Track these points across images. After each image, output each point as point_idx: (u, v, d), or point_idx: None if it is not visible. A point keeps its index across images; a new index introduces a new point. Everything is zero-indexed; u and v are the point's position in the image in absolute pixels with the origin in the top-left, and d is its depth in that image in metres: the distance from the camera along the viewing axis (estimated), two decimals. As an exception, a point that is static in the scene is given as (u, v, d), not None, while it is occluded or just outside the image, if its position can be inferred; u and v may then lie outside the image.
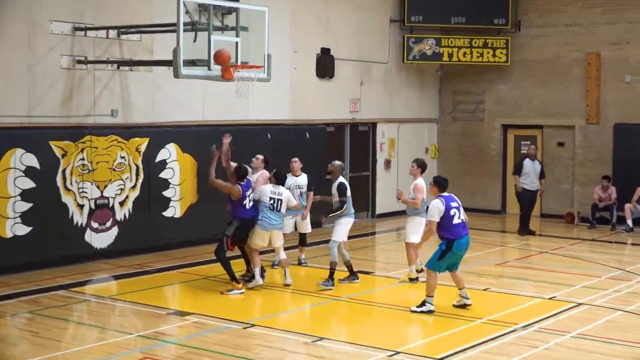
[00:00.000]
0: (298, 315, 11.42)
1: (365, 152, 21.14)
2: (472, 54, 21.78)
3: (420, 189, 13.52)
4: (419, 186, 13.56)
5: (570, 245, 17.54)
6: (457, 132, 23.07)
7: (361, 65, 20.56)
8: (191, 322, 10.86)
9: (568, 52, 21.23)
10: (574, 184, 21.27)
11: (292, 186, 14.38)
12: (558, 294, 12.68)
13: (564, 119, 21.40)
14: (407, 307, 11.70)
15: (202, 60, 12.96)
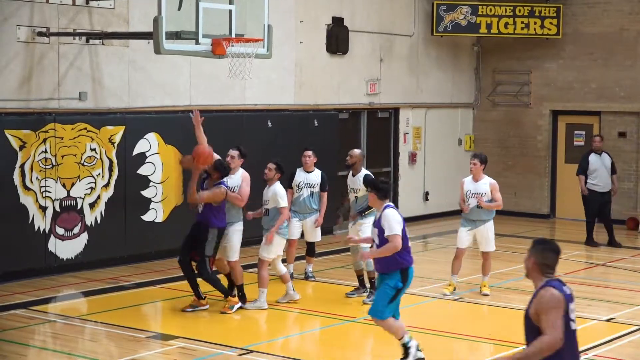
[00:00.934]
0: (305, 338, 11.54)
1: (385, 144, 21.26)
2: (516, 25, 21.88)
3: (497, 188, 14.10)
4: (496, 185, 14.09)
5: (633, 257, 17.64)
6: (497, 119, 23.18)
7: (381, 39, 20.67)
8: (176, 348, 10.98)
9: (633, 22, 21.31)
10: (638, 183, 21.36)
11: (302, 184, 14.50)
12: (617, 315, 12.78)
13: (627, 103, 21.49)
14: (436, 331, 11.81)
15: (188, 32, 12.99)
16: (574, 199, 22.28)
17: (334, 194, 18.48)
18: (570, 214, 22.40)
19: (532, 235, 19.95)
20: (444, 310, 13.40)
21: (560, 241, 19.41)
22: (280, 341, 11.14)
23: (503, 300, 13.72)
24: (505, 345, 11.30)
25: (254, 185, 13.30)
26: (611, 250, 18.34)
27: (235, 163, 13.28)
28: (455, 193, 22.47)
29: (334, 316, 12.62)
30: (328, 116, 19.44)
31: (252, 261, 14.15)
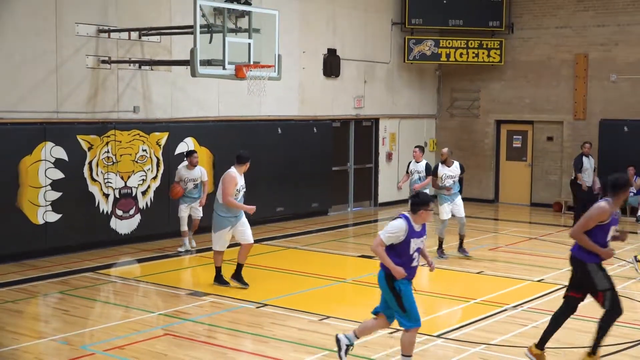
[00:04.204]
0: (306, 295, 11.55)
1: (368, 146, 21.23)
2: (468, 55, 21.83)
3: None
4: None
5: (557, 232, 17.65)
6: (454, 127, 23.15)
7: (365, 65, 20.64)
8: (208, 302, 11.00)
9: (558, 53, 21.29)
10: (562, 175, 21.36)
11: (412, 171, 15.54)
12: (546, 277, 12.80)
13: (553, 115, 21.48)
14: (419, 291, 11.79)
15: (217, 60, 13.06)
16: (512, 188, 22.36)
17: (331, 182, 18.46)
18: (510, 199, 22.43)
19: (482, 216, 19.99)
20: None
21: (503, 220, 19.59)
22: (289, 297, 11.14)
23: (458, 266, 13.73)
24: (457, 299, 11.31)
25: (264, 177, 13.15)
26: (542, 226, 18.34)
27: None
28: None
29: (329, 278, 12.63)
30: (324, 125, 19.41)
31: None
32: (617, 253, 14.87)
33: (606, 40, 20.55)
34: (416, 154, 15.74)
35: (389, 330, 9.54)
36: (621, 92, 20.36)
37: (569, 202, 20.67)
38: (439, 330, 9.65)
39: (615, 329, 9.82)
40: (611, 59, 20.48)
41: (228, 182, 11.25)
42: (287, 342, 9.14)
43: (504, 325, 9.93)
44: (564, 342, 9.28)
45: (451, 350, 8.87)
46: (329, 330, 9.59)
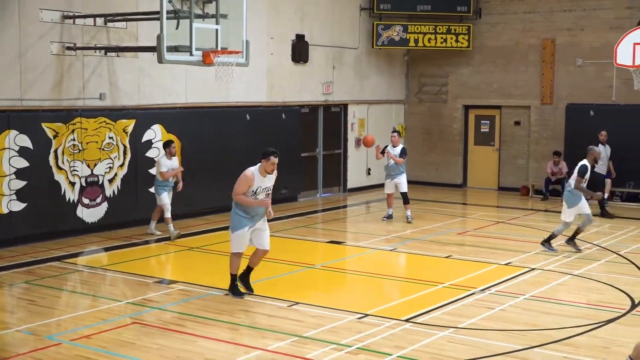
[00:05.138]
0: (275, 282, 11.53)
1: (337, 132, 21.21)
2: (437, 40, 21.85)
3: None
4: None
5: (525, 216, 17.79)
6: (423, 112, 23.20)
7: (333, 51, 20.59)
8: (177, 290, 10.95)
9: (525, 38, 21.39)
10: (529, 160, 21.51)
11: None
12: (513, 260, 12.89)
13: (521, 99, 21.60)
14: (376, 274, 11.86)
15: (184, 46, 12.93)
16: (480, 172, 22.49)
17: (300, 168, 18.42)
18: (478, 183, 22.55)
19: (450, 201, 20.10)
20: (383, 258, 13.43)
21: (471, 205, 19.72)
22: (258, 283, 11.11)
23: (427, 250, 13.79)
24: (426, 284, 11.37)
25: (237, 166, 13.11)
26: (509, 210, 18.47)
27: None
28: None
29: (298, 264, 12.62)
30: (293, 111, 19.36)
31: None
32: (583, 235, 15.05)
33: (572, 25, 20.68)
34: (395, 139, 16.53)
35: (358, 316, 9.57)
36: (587, 77, 20.51)
37: (537, 186, 20.84)
38: (407, 314, 9.68)
39: (580, 311, 9.96)
40: (577, 43, 20.62)
41: (241, 180, 10.15)
42: (257, 329, 9.13)
43: (472, 309, 9.99)
44: (531, 324, 9.36)
45: (420, 335, 8.91)
46: (298, 317, 9.59)
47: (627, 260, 12.94)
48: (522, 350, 8.40)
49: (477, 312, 9.85)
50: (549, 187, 20.27)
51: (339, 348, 8.42)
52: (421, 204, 19.27)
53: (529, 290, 10.90)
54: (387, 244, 14.25)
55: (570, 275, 11.87)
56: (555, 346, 8.57)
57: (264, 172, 10.17)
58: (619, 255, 13.31)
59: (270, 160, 10.14)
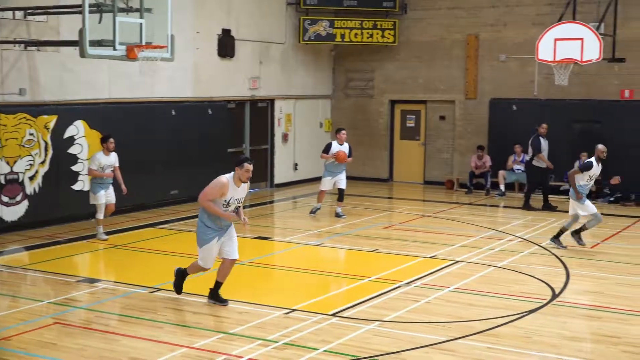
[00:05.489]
0: (201, 279, 11.42)
1: (264, 127, 21.16)
2: (363, 35, 21.98)
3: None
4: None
5: (450, 209, 18.04)
6: (349, 107, 23.32)
7: (260, 46, 20.51)
8: (100, 289, 10.76)
9: (450, 33, 21.68)
10: (453, 154, 21.84)
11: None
12: (438, 253, 13.07)
13: (445, 94, 21.90)
14: (303, 269, 11.87)
15: (107, 41, 12.68)
16: (406, 166, 22.73)
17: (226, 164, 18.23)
18: (404, 178, 22.79)
19: (376, 195, 20.26)
20: (310, 253, 13.46)
21: (397, 199, 19.92)
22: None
23: (353, 245, 13.87)
24: (352, 278, 11.44)
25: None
26: (434, 204, 18.72)
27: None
28: (318, 164, 22.74)
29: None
30: (220, 106, 19.22)
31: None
32: (506, 228, 15.36)
33: (495, 21, 21.06)
34: (343, 137, 16.65)
35: (285, 311, 9.57)
36: (510, 72, 20.91)
37: (461, 179, 21.17)
38: (333, 309, 9.72)
39: (502, 302, 10.15)
40: (500, 39, 21.00)
41: (214, 185, 9.43)
42: (182, 327, 9.04)
43: (398, 302, 10.10)
44: (456, 315, 9.50)
45: (346, 329, 8.95)
46: (224, 313, 9.54)
47: (548, 252, 13.25)
48: (446, 342, 8.53)
49: (403, 305, 9.96)
50: (473, 180, 20.63)
51: (266, 344, 8.41)
52: (348, 198, 19.33)
53: (453, 283, 11.06)
54: (314, 239, 14.28)
55: (494, 267, 12.10)
56: (479, 337, 8.72)
57: (238, 181, 9.46)
58: (540, 247, 13.62)
59: (244, 167, 9.40)
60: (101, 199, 13.85)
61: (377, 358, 8.05)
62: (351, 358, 8.03)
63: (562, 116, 19.91)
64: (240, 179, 9.46)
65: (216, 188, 9.38)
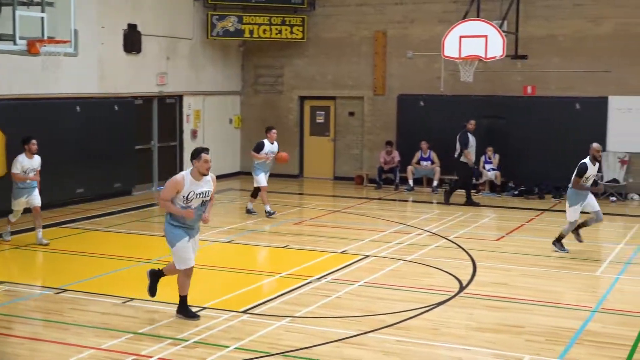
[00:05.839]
0: (109, 278, 11.23)
1: (172, 123, 20.91)
2: (272, 31, 21.95)
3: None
4: None
5: (359, 204, 18.21)
6: (259, 103, 23.26)
7: (167, 41, 20.25)
8: (2, 291, 10.43)
9: (358, 30, 21.87)
10: (363, 150, 22.05)
11: (269, 152, 16.12)
12: (348, 248, 13.18)
13: (354, 90, 22.08)
14: (213, 266, 11.79)
15: (7, 35, 12.35)
16: (316, 162, 22.83)
17: (134, 161, 17.96)
18: (314, 173, 22.88)
19: (287, 191, 20.27)
20: (220, 250, 13.37)
21: (307, 194, 20.00)
22: (89, 281, 10.77)
23: (264, 241, 13.85)
24: (263, 274, 11.43)
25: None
26: (344, 199, 18.87)
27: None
28: (228, 160, 22.64)
29: (132, 259, 12.35)
30: (126, 102, 18.89)
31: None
32: (415, 222, 15.61)
33: (403, 18, 21.35)
34: (274, 136, 16.37)
35: (195, 309, 9.48)
36: (417, 68, 21.24)
37: (370, 175, 21.40)
38: (244, 306, 9.68)
39: (411, 295, 10.32)
40: (408, 36, 21.30)
41: (169, 184, 8.93)
42: (89, 328, 8.85)
43: (309, 297, 10.14)
44: (366, 310, 9.60)
45: (257, 325, 8.94)
46: (132, 313, 9.39)
47: (456, 245, 13.53)
48: (357, 336, 8.61)
49: (314, 300, 10.00)
50: (382, 176, 20.88)
51: (176, 343, 8.32)
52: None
53: (363, 277, 11.17)
54: (225, 236, 14.20)
55: (403, 261, 12.27)
56: (389, 330, 8.83)
57: (198, 174, 8.90)
58: (448, 240, 13.89)
59: (202, 158, 8.88)
60: (20, 205, 13.22)
61: (289, 354, 8.06)
62: (262, 354, 8.02)
63: (468, 112, 20.30)
64: (200, 172, 8.92)
65: (171, 186, 8.89)
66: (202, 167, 8.93)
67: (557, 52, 19.80)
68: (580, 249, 13.34)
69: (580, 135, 19.49)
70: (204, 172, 8.97)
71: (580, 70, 19.60)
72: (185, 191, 8.86)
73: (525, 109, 19.95)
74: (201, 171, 8.94)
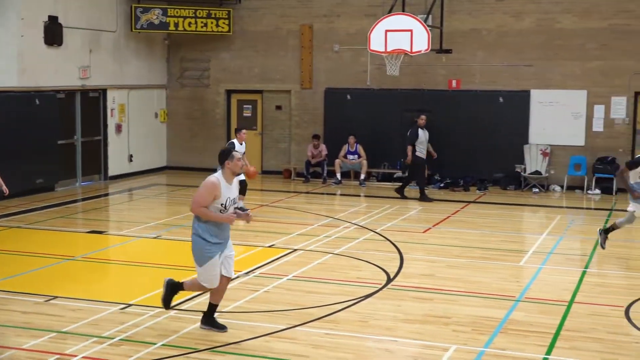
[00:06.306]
0: (31, 276, 10.96)
1: (96, 118, 20.51)
2: (197, 24, 21.73)
3: None
4: None
5: (288, 198, 18.21)
6: (185, 97, 23.02)
7: (90, 34, 19.84)
8: None
9: (285, 23, 21.81)
10: (290, 143, 22.03)
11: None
12: (277, 242, 13.15)
13: (282, 84, 22.03)
14: (140, 263, 11.62)
15: None
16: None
17: (56, 157, 17.56)
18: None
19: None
20: (146, 246, 13.18)
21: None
22: (9, 279, 10.49)
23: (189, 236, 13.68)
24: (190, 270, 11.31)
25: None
26: (272, 193, 18.82)
27: None
28: (154, 155, 22.41)
29: (56, 257, 12.07)
30: (48, 96, 18.44)
31: None
32: (343, 215, 15.68)
33: (329, 11, 21.38)
34: (243, 136, 15.83)
35: (121, 306, 9.33)
36: (344, 62, 21.31)
37: (298, 168, 21.40)
38: (172, 302, 9.55)
39: (340, 288, 10.35)
40: (334, 29, 21.35)
41: (205, 189, 8.22)
42: (10, 327, 8.60)
43: (237, 292, 10.07)
44: (295, 303, 9.59)
45: (184, 322, 8.84)
46: (56, 311, 9.17)
47: (383, 237, 13.63)
48: (285, 330, 8.60)
49: (242, 295, 9.95)
50: (310, 169, 20.90)
51: (101, 341, 8.16)
52: (185, 189, 19.16)
53: (291, 271, 11.17)
54: (151, 232, 14.01)
55: (331, 254, 12.30)
56: (317, 323, 8.85)
57: (231, 176, 8.29)
58: (375, 233, 13.99)
59: (235, 157, 8.26)
60: None
61: (217, 349, 8.00)
62: (190, 351, 7.94)
63: (395, 105, 20.55)
64: (233, 172, 8.27)
65: (208, 190, 8.15)
66: (236, 167, 8.29)
67: (480, 47, 20.13)
68: (503, 240, 13.62)
69: (503, 128, 19.93)
70: (238, 171, 8.37)
71: (504, 64, 19.99)
72: (223, 197, 8.17)
73: (451, 103, 20.23)
74: (235, 171, 8.29)
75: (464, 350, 8.06)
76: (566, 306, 9.64)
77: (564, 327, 8.83)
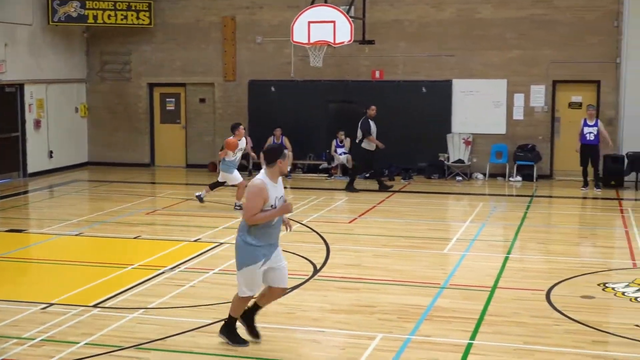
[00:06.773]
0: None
1: (13, 113, 19.98)
2: (117, 17, 21.36)
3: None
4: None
5: (213, 192, 18.00)
6: (106, 91, 22.62)
7: (4, 27, 19.29)
8: None
9: (206, 15, 21.63)
10: (215, 136, 21.86)
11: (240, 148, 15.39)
12: (202, 236, 13.04)
13: (205, 77, 21.85)
14: (61, 261, 11.37)
15: None
16: (168, 150, 22.46)
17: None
18: (166, 162, 22.51)
19: (138, 180, 19.85)
20: (68, 244, 12.90)
21: (160, 183, 19.66)
22: None
23: (114, 232, 13.50)
24: (114, 267, 11.14)
25: None
26: (198, 187, 18.65)
27: None
28: (75, 151, 21.96)
29: (-27, 257, 11.74)
30: (-39, 91, 17.92)
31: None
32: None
33: (251, 3, 21.27)
34: (242, 132, 15.70)
35: (42, 306, 9.12)
36: (267, 54, 21.24)
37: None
38: (95, 300, 9.39)
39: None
40: (257, 21, 21.25)
41: (253, 195, 7.64)
42: None
43: (162, 288, 9.95)
44: (221, 297, 9.52)
45: (108, 319, 8.69)
46: (-27, 313, 8.91)
47: (309, 229, 13.66)
48: (212, 324, 8.53)
49: (167, 290, 9.83)
50: (236, 162, 20.77)
51: (21, 342, 7.96)
52: (108, 185, 18.86)
53: (217, 265, 11.09)
54: (73, 229, 13.73)
55: (257, 246, 12.24)
56: (244, 317, 8.79)
57: (278, 174, 7.78)
58: (301, 224, 14.00)
59: (287, 156, 7.84)
60: None
61: (142, 346, 7.89)
62: (114, 348, 7.81)
63: (319, 97, 20.59)
64: (282, 172, 7.83)
65: (256, 196, 7.62)
66: (285, 167, 7.87)
67: (403, 37, 20.32)
68: (428, 228, 13.79)
69: (426, 117, 20.18)
70: (286, 171, 8.07)
71: (425, 54, 20.22)
72: (271, 199, 7.67)
73: (374, 93, 20.35)
74: (284, 171, 7.87)
75: (390, 339, 8.13)
76: (489, 292, 9.82)
77: (488, 312, 8.99)
